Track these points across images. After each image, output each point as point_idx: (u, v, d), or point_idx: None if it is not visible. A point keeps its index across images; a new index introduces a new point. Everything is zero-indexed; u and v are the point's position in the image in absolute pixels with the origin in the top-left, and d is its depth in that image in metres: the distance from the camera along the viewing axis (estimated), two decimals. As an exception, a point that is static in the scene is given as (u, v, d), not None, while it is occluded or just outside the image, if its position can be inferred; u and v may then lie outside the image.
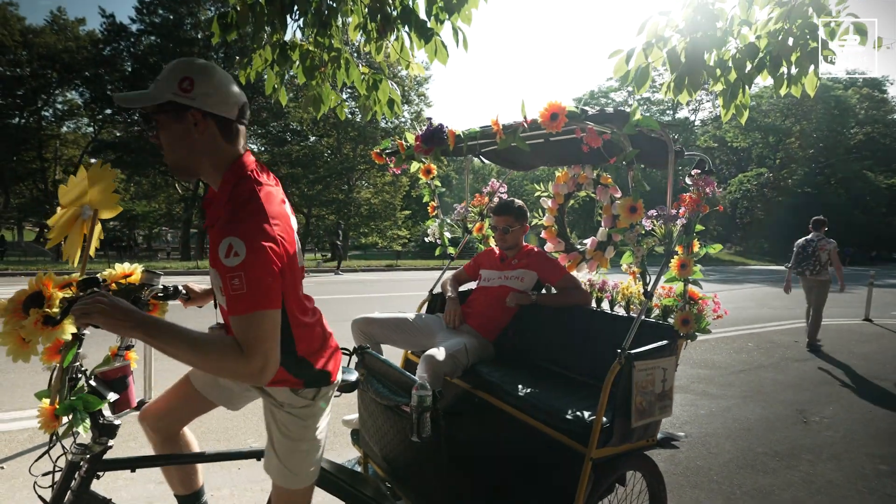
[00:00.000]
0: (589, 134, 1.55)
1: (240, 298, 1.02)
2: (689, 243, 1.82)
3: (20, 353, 1.14)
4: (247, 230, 1.04)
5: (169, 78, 1.11)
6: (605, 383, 1.66)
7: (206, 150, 1.15)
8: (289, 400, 1.33)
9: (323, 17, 2.15)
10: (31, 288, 1.18)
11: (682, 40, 2.28)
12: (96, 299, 1.05)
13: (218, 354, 1.04)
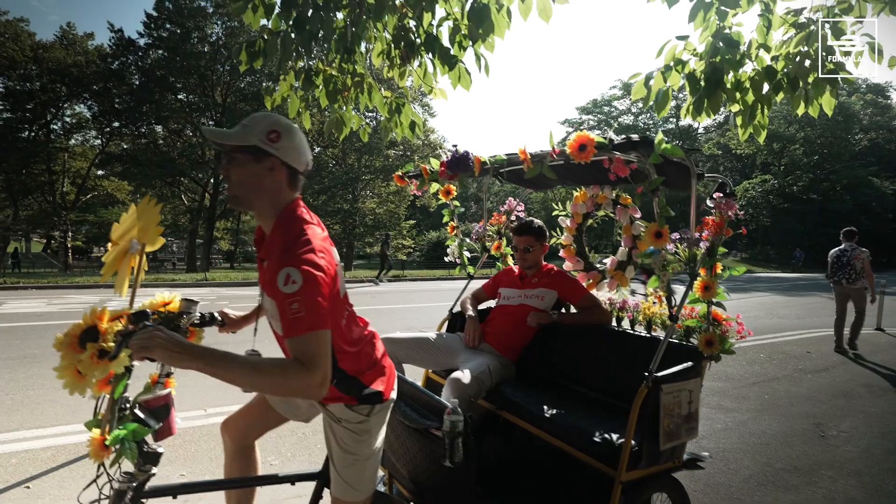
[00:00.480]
0: (616, 164, 1.58)
1: (300, 321, 1.12)
2: (712, 265, 1.85)
3: (77, 385, 1.18)
4: (302, 262, 1.16)
5: (259, 126, 1.27)
6: (633, 406, 1.68)
7: (270, 191, 1.30)
8: (345, 416, 1.42)
9: (347, 43, 2.20)
10: (86, 322, 1.21)
11: (700, 63, 2.33)
12: (154, 334, 1.10)
13: (280, 374, 1.12)
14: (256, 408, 1.70)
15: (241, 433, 1.70)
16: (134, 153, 27.53)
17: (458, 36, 2.10)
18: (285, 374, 1.12)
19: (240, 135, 1.27)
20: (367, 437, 1.45)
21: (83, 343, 1.18)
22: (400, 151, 30.31)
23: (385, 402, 1.48)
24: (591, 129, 39.78)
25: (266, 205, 1.31)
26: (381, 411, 1.48)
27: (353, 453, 1.44)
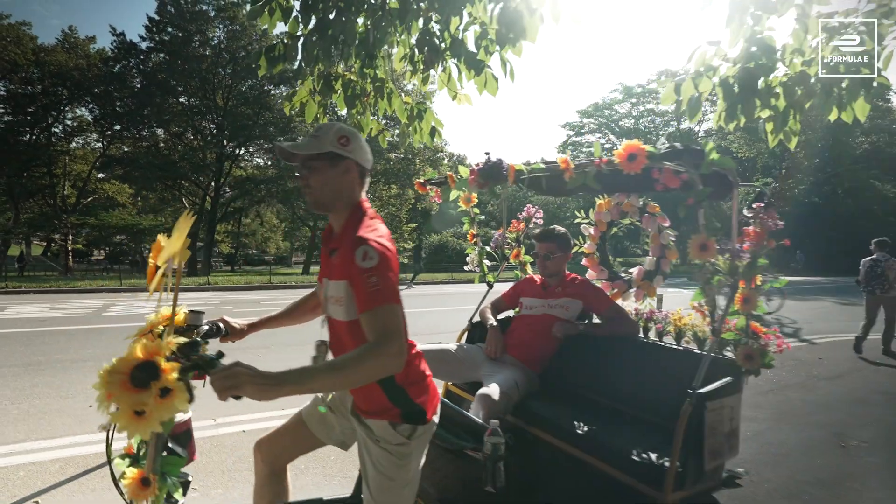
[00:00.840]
0: (666, 174, 1.52)
1: (378, 293, 1.18)
2: (752, 277, 1.79)
3: (139, 428, 1.03)
4: (377, 242, 1.25)
5: (329, 134, 1.37)
6: (678, 425, 1.61)
7: (347, 191, 1.40)
8: (386, 435, 1.37)
9: (369, 48, 2.14)
10: (133, 357, 1.07)
11: (731, 69, 2.27)
12: (237, 371, 1.03)
13: (360, 360, 1.12)
14: (292, 430, 1.63)
15: (275, 455, 1.63)
16: (135, 156, 27.51)
17: (484, 41, 2.04)
18: (364, 358, 1.13)
19: (314, 144, 1.35)
20: (407, 462, 1.38)
21: (138, 381, 1.04)
22: (401, 155, 30.29)
23: (428, 423, 1.41)
24: (591, 132, 39.80)
25: (342, 205, 1.40)
26: (422, 434, 1.41)
27: (390, 478, 1.37)
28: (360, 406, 1.44)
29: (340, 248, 1.36)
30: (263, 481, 1.63)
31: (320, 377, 1.11)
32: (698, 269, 1.62)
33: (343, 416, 1.61)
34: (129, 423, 1.02)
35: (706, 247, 1.60)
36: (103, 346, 6.39)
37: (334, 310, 1.39)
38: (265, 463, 1.62)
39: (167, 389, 1.04)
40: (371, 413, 1.39)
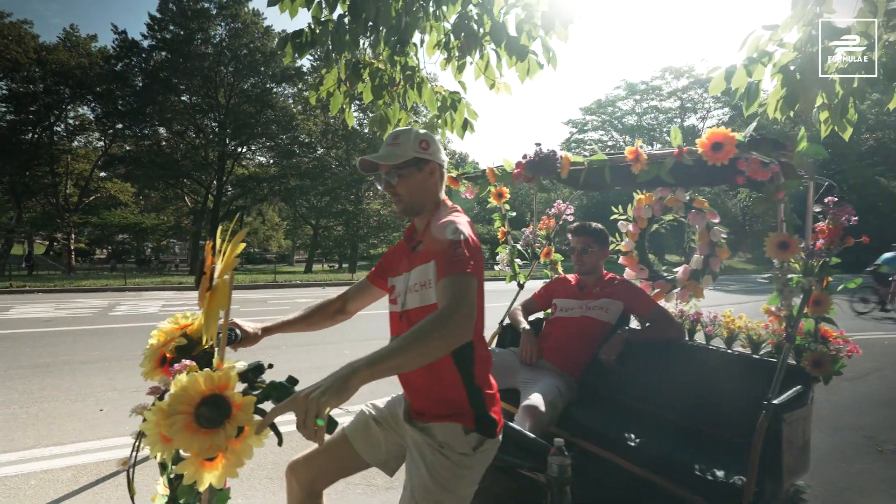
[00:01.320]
0: (752, 165, 1.39)
1: (460, 262, 1.18)
2: (823, 278, 1.65)
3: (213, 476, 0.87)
4: (463, 223, 1.30)
5: (409, 140, 1.39)
6: (754, 440, 1.48)
7: (433, 192, 1.43)
8: (452, 440, 1.28)
9: (401, 34, 2.00)
10: (197, 390, 0.90)
11: (786, 54, 2.13)
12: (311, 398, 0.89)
13: (430, 328, 1.05)
14: (333, 449, 1.50)
15: (312, 478, 1.49)
16: (137, 155, 27.42)
17: (527, 25, 1.90)
18: (435, 323, 1.07)
19: (398, 153, 1.37)
20: (467, 475, 1.28)
21: (206, 421, 0.88)
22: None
23: (495, 438, 1.32)
24: (594, 129, 39.59)
25: (429, 206, 1.43)
26: (487, 450, 1.31)
27: (445, 488, 1.25)
28: (427, 409, 1.33)
29: (426, 239, 1.38)
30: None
31: (396, 352, 1.01)
32: (777, 269, 1.49)
33: (392, 430, 1.48)
34: (199, 473, 0.86)
35: (787, 245, 1.47)
36: (111, 348, 6.27)
37: (412, 299, 1.37)
38: (301, 487, 1.48)
39: (241, 428, 0.89)
40: (440, 416, 1.30)
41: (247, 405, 0.93)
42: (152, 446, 0.92)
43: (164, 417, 0.89)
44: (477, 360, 1.32)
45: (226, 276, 1.06)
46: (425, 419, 1.33)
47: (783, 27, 2.13)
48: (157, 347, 1.21)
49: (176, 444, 0.88)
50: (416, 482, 1.28)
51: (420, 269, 1.35)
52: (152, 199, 33.03)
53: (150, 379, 1.22)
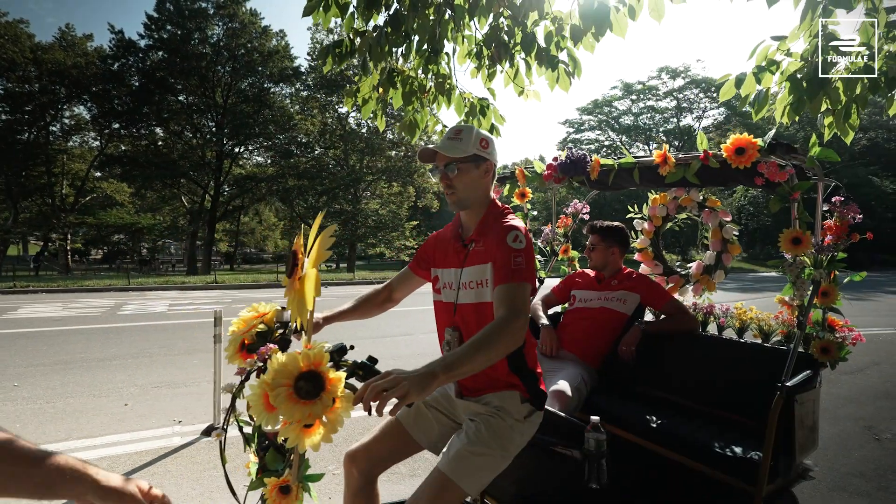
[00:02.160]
0: (771, 168, 1.53)
1: (520, 271, 1.32)
2: (831, 271, 1.80)
3: (311, 440, 1.00)
4: (521, 230, 1.41)
5: (471, 138, 1.47)
6: (769, 419, 1.62)
7: (485, 190, 1.52)
8: (509, 405, 1.44)
9: (434, 43, 2.13)
10: (296, 367, 1.02)
11: (793, 63, 2.28)
12: (399, 377, 1.03)
13: (496, 334, 1.20)
14: (388, 436, 1.61)
15: (371, 465, 1.59)
16: (134, 155, 27.32)
17: (556, 37, 2.04)
18: (500, 331, 1.21)
19: (460, 147, 1.45)
20: (517, 438, 1.44)
21: (305, 393, 1.00)
22: (402, 152, 30.24)
23: (540, 412, 1.48)
24: (591, 129, 39.83)
25: (478, 202, 1.51)
26: (534, 421, 1.48)
27: (496, 440, 1.40)
28: (482, 387, 1.48)
29: (481, 239, 1.47)
30: (357, 492, 1.59)
31: (465, 359, 1.14)
32: (790, 263, 1.63)
33: (442, 412, 1.61)
34: (299, 437, 0.99)
35: (800, 240, 1.61)
36: (126, 345, 6.37)
37: (466, 295, 1.48)
38: (361, 474, 1.58)
39: (333, 399, 1.01)
40: (499, 385, 1.46)
41: (338, 379, 1.05)
42: (258, 415, 1.05)
43: (269, 389, 1.02)
44: (529, 347, 1.48)
45: (314, 267, 1.18)
46: (481, 393, 1.47)
47: (790, 37, 2.28)
48: (240, 334, 1.34)
49: (280, 412, 1.01)
50: (470, 433, 1.41)
51: (476, 269, 1.45)
52: (148, 200, 32.91)
53: (232, 362, 1.35)
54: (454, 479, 1.34)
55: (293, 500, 1.12)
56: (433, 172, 1.52)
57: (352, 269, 25.44)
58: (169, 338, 6.92)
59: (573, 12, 1.90)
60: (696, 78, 36.22)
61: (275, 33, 28.73)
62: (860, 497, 2.97)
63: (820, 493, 3.01)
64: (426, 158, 1.50)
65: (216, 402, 3.58)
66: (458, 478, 1.34)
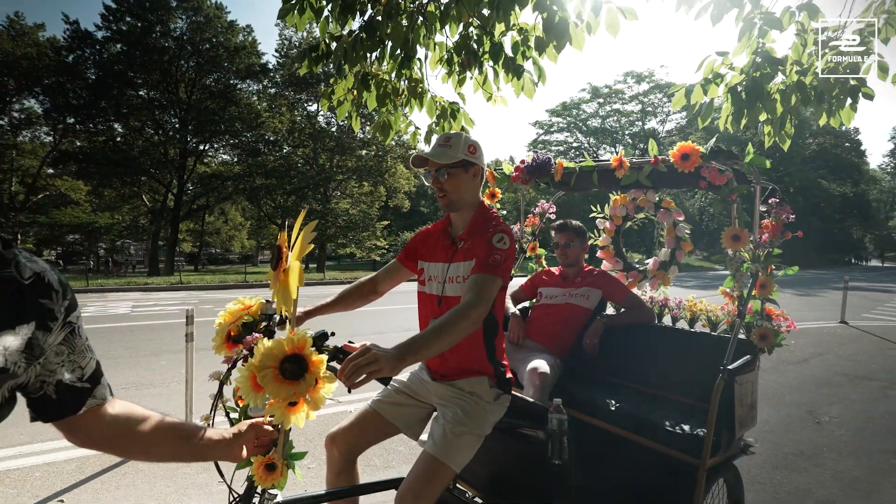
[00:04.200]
0: (712, 172, 1.70)
1: (496, 266, 1.45)
2: (768, 265, 2.00)
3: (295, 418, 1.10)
4: (508, 234, 1.54)
5: (459, 144, 1.59)
6: (712, 398, 1.80)
7: (474, 192, 1.65)
8: (480, 390, 1.59)
9: (407, 49, 2.24)
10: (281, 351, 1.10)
11: (736, 77, 2.49)
12: (376, 354, 1.14)
13: (462, 316, 1.33)
14: (366, 420, 1.72)
15: (351, 446, 1.70)
16: (90, 151, 26.15)
17: (522, 46, 2.17)
18: (458, 316, 1.33)
19: (449, 154, 1.57)
20: (489, 418, 1.58)
21: (290, 374, 1.09)
22: (373, 151, 30.08)
23: (508, 395, 1.62)
24: (560, 131, 40.65)
25: (468, 205, 1.64)
26: (502, 403, 1.62)
27: (472, 421, 1.54)
28: (456, 373, 1.62)
29: (470, 238, 1.61)
30: (339, 471, 1.70)
31: (430, 342, 1.27)
32: (731, 258, 1.81)
33: (416, 398, 1.72)
34: (285, 414, 1.09)
35: (739, 237, 1.79)
36: (85, 348, 6.17)
37: (452, 288, 1.61)
38: (341, 454, 1.69)
39: (315, 380, 1.11)
40: (470, 372, 1.61)
41: (321, 362, 1.15)
42: (246, 394, 1.13)
43: (257, 371, 1.11)
44: (499, 340, 1.64)
45: (297, 260, 1.27)
46: (453, 377, 1.61)
47: (733, 53, 2.50)
48: (226, 325, 1.41)
49: (267, 391, 1.10)
50: (449, 417, 1.55)
51: (463, 265, 1.59)
52: (107, 198, 31.57)
53: (219, 352, 1.42)
54: (442, 458, 1.47)
55: (278, 477, 1.20)
56: (426, 177, 1.64)
57: (322, 270, 25.17)
58: (134, 339, 6.75)
59: (537, 25, 2.05)
60: (660, 83, 37.52)
61: (241, 28, 28.08)
62: (799, 473, 3.25)
63: (765, 471, 3.27)
64: (418, 164, 1.62)
65: (188, 402, 3.57)
66: (446, 457, 1.48)
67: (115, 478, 2.89)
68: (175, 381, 4.81)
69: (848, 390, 5.17)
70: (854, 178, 39.63)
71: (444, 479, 1.48)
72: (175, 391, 4.49)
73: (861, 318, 10.34)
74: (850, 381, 5.53)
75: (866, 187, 43.19)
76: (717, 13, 2.17)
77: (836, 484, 3.11)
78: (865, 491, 3.03)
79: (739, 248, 1.84)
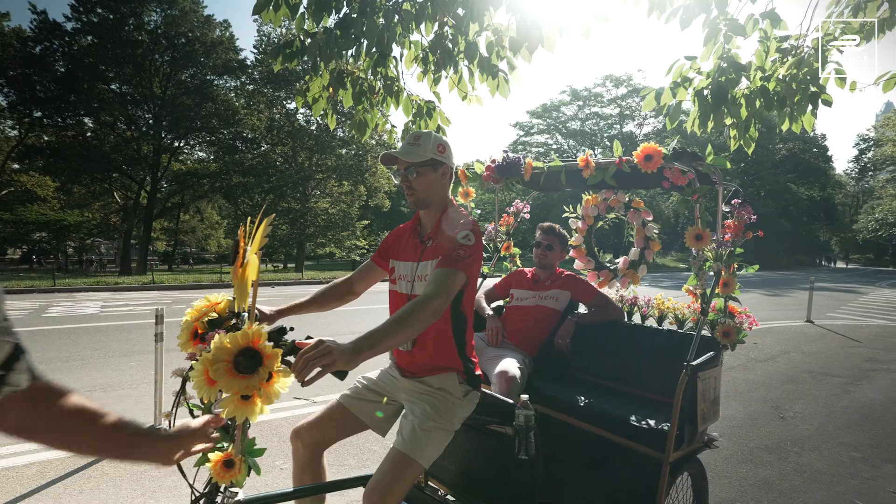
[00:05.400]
0: (674, 173, 1.74)
1: (457, 260, 1.45)
2: (730, 264, 2.06)
3: (247, 411, 1.07)
4: (476, 232, 1.55)
5: (429, 143, 1.61)
6: (676, 394, 1.84)
7: (443, 191, 1.66)
8: (449, 385, 1.60)
9: (383, 48, 2.23)
10: (236, 344, 1.09)
11: (703, 81, 2.56)
12: (329, 347, 1.11)
13: (418, 309, 1.32)
14: (332, 415, 1.71)
15: (316, 440, 1.69)
16: (59, 146, 25.27)
17: (496, 47, 2.19)
18: (417, 308, 1.32)
19: (418, 153, 1.59)
20: (458, 413, 1.59)
21: (243, 368, 1.07)
22: (352, 150, 29.87)
23: (476, 392, 1.63)
24: (540, 133, 41.04)
25: (437, 203, 1.66)
26: (471, 400, 1.63)
27: (442, 417, 1.55)
28: (426, 370, 1.62)
29: (437, 236, 1.62)
30: (304, 466, 1.69)
31: (387, 335, 1.25)
32: (694, 257, 1.86)
33: (385, 394, 1.72)
34: (237, 408, 1.07)
35: (701, 237, 1.85)
36: (54, 349, 5.97)
37: (419, 287, 1.62)
38: (306, 448, 1.68)
39: (269, 374, 1.09)
40: (440, 369, 1.61)
41: (274, 355, 1.12)
42: (199, 388, 1.11)
43: (211, 365, 1.09)
44: (468, 336, 1.65)
45: (255, 254, 1.26)
46: (423, 374, 1.61)
47: (701, 58, 2.57)
48: (192, 322, 1.39)
49: (219, 385, 1.08)
50: (418, 413, 1.56)
51: (431, 263, 1.60)
52: (76, 195, 30.56)
53: (185, 350, 1.40)
54: (411, 454, 1.48)
55: (237, 474, 1.18)
56: (395, 175, 1.67)
57: (300, 269, 24.85)
58: (102, 340, 6.55)
59: (511, 26, 2.07)
60: (638, 87, 38.24)
61: (218, 23, 27.53)
62: (764, 467, 3.36)
63: (732, 465, 3.37)
64: (388, 162, 1.63)
65: (158, 403, 3.48)
66: (415, 453, 1.48)
67: (78, 482, 2.81)
68: (145, 383, 4.69)
69: (812, 386, 5.36)
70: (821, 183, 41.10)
71: (412, 474, 1.49)
72: (144, 393, 4.39)
73: (826, 317, 10.72)
74: (814, 377, 5.74)
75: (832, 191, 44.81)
76: (685, 17, 2.23)
77: (798, 477, 3.22)
78: (827, 483, 3.15)
79: (702, 248, 1.89)
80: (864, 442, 3.83)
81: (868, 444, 3.78)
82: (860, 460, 3.50)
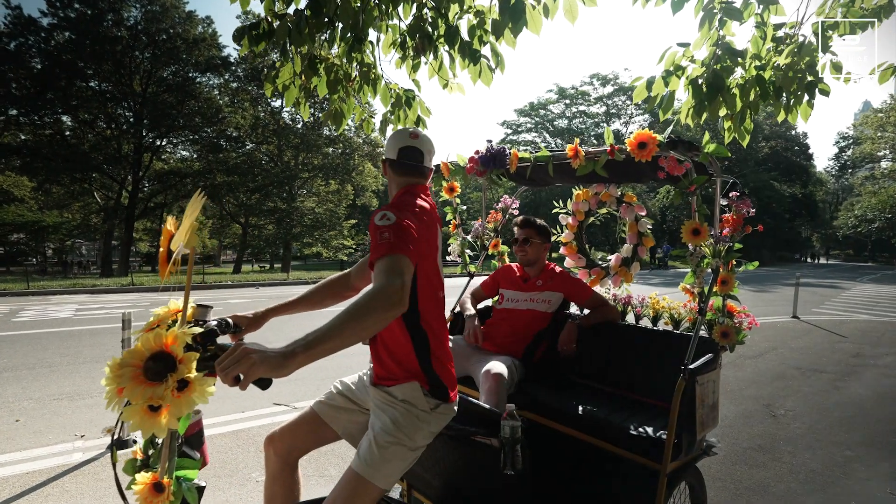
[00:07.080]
0: (670, 162, 1.62)
1: (384, 244, 1.23)
2: (729, 261, 1.95)
3: (154, 426, 0.92)
4: (399, 209, 1.34)
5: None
6: (673, 400, 1.72)
7: (391, 180, 1.59)
8: (412, 397, 1.41)
9: (358, 31, 2.08)
10: (146, 347, 0.97)
11: (697, 69, 2.45)
12: (244, 351, 0.95)
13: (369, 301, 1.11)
14: (305, 423, 1.58)
15: (289, 449, 1.56)
16: (36, 145, 24.57)
17: (479, 30, 2.05)
18: (372, 299, 1.12)
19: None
20: (424, 427, 1.42)
21: (152, 374, 0.94)
22: (339, 149, 29.54)
23: (450, 403, 1.47)
24: (528, 131, 41.07)
25: (394, 190, 1.56)
26: (443, 414, 1.46)
27: (403, 433, 1.37)
28: (388, 374, 1.45)
29: None
30: (276, 475, 1.57)
31: (327, 337, 1.04)
32: (691, 252, 1.75)
33: (355, 402, 1.59)
34: (142, 420, 0.91)
35: (699, 231, 1.73)
36: (20, 355, 5.70)
37: None
38: (278, 457, 1.57)
39: (185, 382, 0.95)
40: (399, 379, 1.43)
41: (189, 360, 0.98)
42: (109, 398, 0.96)
43: (117, 369, 0.95)
44: (431, 335, 1.43)
45: (182, 243, 1.11)
46: (388, 383, 1.45)
47: (694, 45, 2.45)
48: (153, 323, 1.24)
49: (125, 394, 0.94)
50: (378, 427, 1.39)
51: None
52: (55, 195, 29.78)
53: None
54: (366, 476, 1.32)
55: (166, 500, 1.03)
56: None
57: (287, 269, 24.50)
58: (73, 345, 6.29)
59: (493, 7, 1.93)
60: (624, 86, 38.43)
61: (201, 20, 27.01)
62: (758, 468, 3.27)
63: (725, 467, 3.28)
64: None
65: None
66: (370, 475, 1.32)
67: (36, 500, 2.61)
68: (116, 390, 4.47)
69: (801, 383, 5.32)
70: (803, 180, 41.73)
71: (369, 498, 1.32)
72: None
73: (811, 312, 10.79)
74: (803, 374, 5.71)
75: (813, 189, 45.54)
76: (677, 1, 2.11)
77: (793, 478, 3.14)
78: (821, 483, 3.07)
79: (700, 243, 1.77)
80: (857, 440, 3.77)
81: (861, 443, 3.72)
82: (854, 459, 3.43)
